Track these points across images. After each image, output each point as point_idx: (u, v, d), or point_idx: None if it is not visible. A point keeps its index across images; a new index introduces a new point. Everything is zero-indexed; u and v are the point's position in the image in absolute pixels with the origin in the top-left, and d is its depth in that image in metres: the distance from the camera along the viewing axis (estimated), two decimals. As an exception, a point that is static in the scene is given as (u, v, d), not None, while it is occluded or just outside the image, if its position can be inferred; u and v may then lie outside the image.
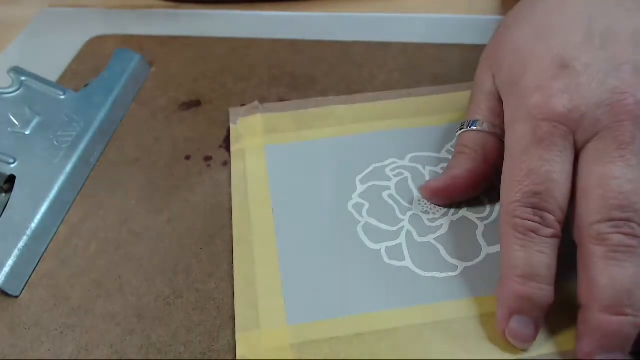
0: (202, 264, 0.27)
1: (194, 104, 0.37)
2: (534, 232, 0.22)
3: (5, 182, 0.30)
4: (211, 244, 0.28)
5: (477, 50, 0.39)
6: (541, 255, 0.22)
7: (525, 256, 0.22)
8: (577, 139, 0.23)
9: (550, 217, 0.22)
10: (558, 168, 0.23)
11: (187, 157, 0.33)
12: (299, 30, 0.43)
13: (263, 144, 0.32)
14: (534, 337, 0.22)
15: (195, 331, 0.25)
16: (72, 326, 0.25)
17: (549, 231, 0.22)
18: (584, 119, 0.23)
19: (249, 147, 0.32)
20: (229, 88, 0.38)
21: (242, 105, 0.36)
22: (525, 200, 0.22)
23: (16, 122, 0.31)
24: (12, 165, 0.30)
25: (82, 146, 0.33)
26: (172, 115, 0.36)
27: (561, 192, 0.23)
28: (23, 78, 0.33)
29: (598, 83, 0.23)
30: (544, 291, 0.22)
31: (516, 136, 0.24)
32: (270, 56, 0.41)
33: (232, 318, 0.25)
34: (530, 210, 0.22)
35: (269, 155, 0.32)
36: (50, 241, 0.29)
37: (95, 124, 0.34)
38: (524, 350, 0.22)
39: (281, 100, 0.36)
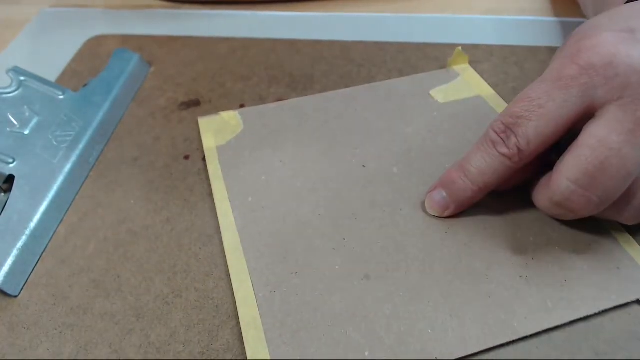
0: (200, 263, 0.27)
1: (193, 104, 0.37)
2: (493, 144, 0.25)
3: (5, 182, 0.30)
4: (210, 243, 0.28)
5: (476, 50, 0.39)
6: (481, 161, 0.26)
7: (473, 155, 0.26)
8: (599, 95, 0.23)
9: (513, 142, 0.24)
10: (554, 108, 0.23)
11: (186, 157, 0.33)
12: (298, 30, 0.44)
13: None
14: (443, 210, 0.28)
15: (194, 330, 0.25)
16: (71, 325, 0.25)
17: (503, 150, 0.25)
18: (616, 78, 0.23)
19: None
20: (228, 88, 0.38)
21: (241, 105, 0.36)
22: (504, 119, 0.25)
23: (15, 122, 0.31)
24: (11, 165, 0.30)
25: (81, 146, 0.33)
26: (171, 115, 0.36)
27: (545, 129, 0.24)
28: (22, 78, 0.33)
29: None
30: (465, 183, 0.26)
31: (549, 67, 0.25)
32: (270, 56, 0.41)
33: (231, 317, 0.25)
34: (503, 127, 0.25)
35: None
36: (49, 241, 0.29)
37: (95, 124, 0.34)
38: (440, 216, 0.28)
39: (280, 100, 0.36)
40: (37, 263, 0.28)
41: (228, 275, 0.27)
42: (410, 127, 0.33)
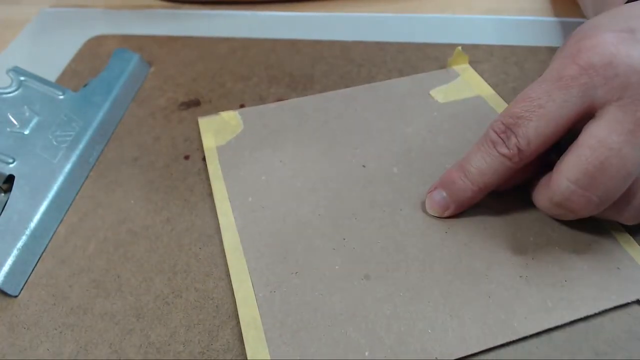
0: (200, 263, 0.27)
1: (193, 104, 0.37)
2: (493, 144, 0.25)
3: (5, 182, 0.30)
4: (210, 243, 0.28)
5: (476, 50, 0.39)
6: (481, 161, 0.26)
7: (473, 155, 0.26)
8: (599, 95, 0.23)
9: (513, 142, 0.24)
10: (554, 108, 0.23)
11: (186, 157, 0.33)
12: (298, 30, 0.44)
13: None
14: (443, 210, 0.28)
15: (194, 330, 0.25)
16: (71, 326, 0.25)
17: (503, 150, 0.25)
18: (616, 78, 0.23)
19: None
20: (228, 88, 0.38)
21: (241, 105, 0.36)
22: (504, 119, 0.25)
23: (15, 122, 0.31)
24: (11, 165, 0.30)
25: (81, 146, 0.33)
26: (171, 115, 0.36)
27: (545, 129, 0.24)
28: (22, 78, 0.33)
29: None
30: (465, 184, 0.26)
31: (549, 67, 0.25)
32: (270, 56, 0.41)
33: (231, 317, 0.25)
34: (503, 127, 0.25)
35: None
36: (49, 241, 0.29)
37: (94, 124, 0.34)
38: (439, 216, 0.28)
39: (279, 100, 0.36)
40: (37, 263, 0.28)
41: (228, 275, 0.27)
42: (410, 127, 0.33)
